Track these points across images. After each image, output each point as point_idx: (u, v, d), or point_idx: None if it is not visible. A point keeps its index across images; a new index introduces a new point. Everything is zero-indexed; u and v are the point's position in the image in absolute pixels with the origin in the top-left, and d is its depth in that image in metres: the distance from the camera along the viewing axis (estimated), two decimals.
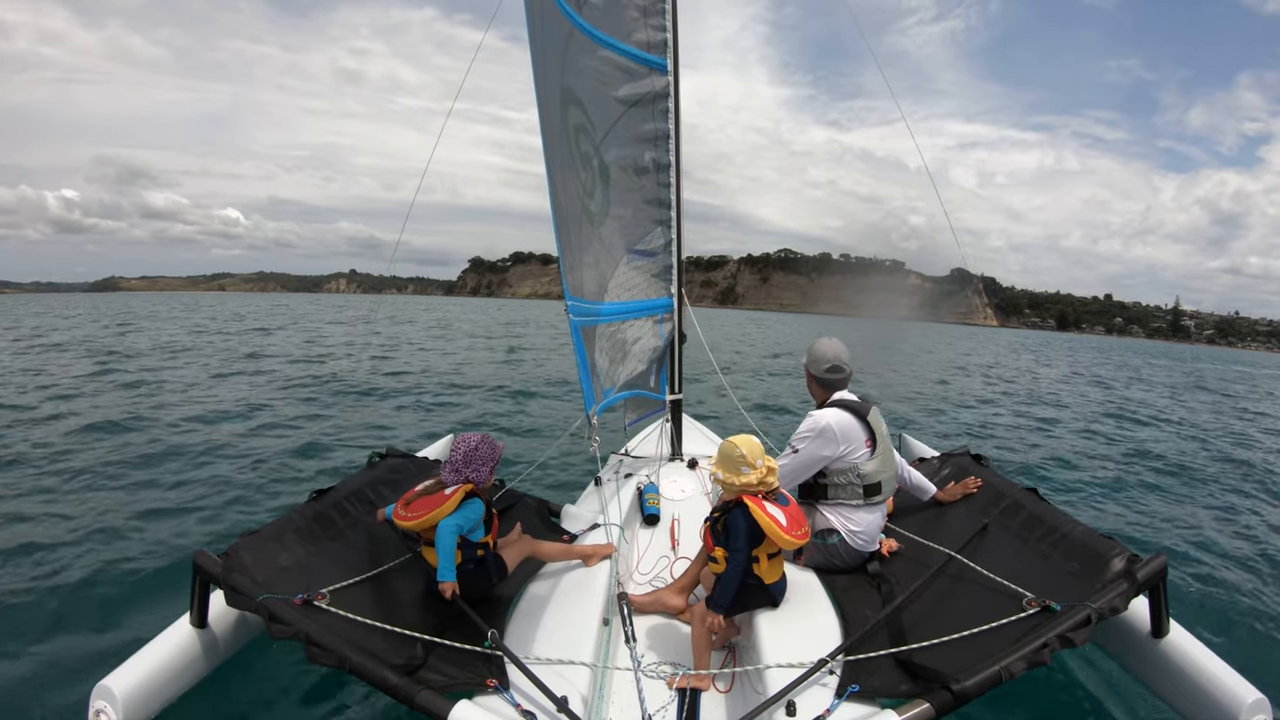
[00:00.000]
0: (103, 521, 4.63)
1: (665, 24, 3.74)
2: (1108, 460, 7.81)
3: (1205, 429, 11.27)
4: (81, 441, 6.89)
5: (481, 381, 12.55)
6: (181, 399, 9.47)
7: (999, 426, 10.31)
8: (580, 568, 2.75)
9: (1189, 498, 6.28)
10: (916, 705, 1.77)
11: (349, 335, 24.54)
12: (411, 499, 2.48)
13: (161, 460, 6.26)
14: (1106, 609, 2.03)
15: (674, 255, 4.13)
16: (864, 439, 2.74)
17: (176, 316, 35.93)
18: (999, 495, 2.96)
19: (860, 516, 2.73)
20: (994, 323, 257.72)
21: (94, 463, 6.34)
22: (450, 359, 16.83)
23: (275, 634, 2.01)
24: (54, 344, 17.53)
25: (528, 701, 1.87)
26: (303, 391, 10.49)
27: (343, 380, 11.88)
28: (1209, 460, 8.18)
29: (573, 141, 3.28)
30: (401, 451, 3.81)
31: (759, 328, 53.62)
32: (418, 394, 10.72)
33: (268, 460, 6.32)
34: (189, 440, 6.93)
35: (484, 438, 2.62)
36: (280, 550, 2.45)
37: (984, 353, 35.47)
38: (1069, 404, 13.89)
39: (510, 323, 40.78)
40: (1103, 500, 6.03)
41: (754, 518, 2.30)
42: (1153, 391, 18.70)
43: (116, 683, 1.96)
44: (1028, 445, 8.71)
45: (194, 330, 24.56)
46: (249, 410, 8.77)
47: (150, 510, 4.94)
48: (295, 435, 7.38)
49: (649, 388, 4.24)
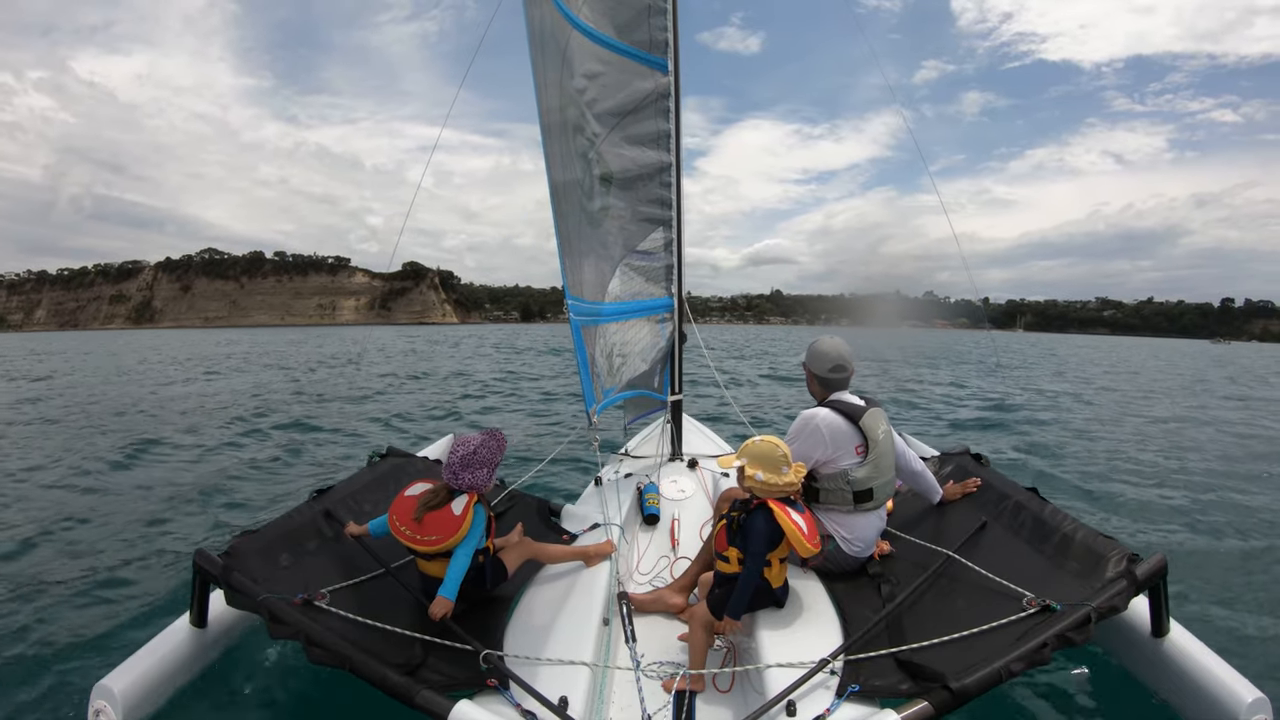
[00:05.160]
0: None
1: (666, 24, 3.73)
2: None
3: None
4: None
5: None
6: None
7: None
8: (580, 567, 2.75)
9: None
10: (916, 705, 1.77)
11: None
12: (419, 514, 2.32)
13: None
14: (1106, 608, 2.03)
15: (674, 255, 4.13)
16: (854, 445, 2.67)
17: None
18: (999, 495, 2.96)
19: (853, 522, 2.69)
20: (454, 319, 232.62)
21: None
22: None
23: (275, 634, 2.01)
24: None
25: (528, 701, 1.87)
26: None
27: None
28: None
29: (572, 142, 3.28)
30: (402, 451, 3.81)
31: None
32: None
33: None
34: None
35: (486, 437, 2.49)
36: (280, 550, 2.45)
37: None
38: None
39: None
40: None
41: (777, 522, 2.29)
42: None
43: (116, 682, 1.96)
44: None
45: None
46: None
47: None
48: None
49: (652, 387, 4.24)
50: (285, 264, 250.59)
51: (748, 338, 65.31)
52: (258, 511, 5.05)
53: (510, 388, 15.19)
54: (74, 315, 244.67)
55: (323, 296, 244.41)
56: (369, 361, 24.49)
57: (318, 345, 40.32)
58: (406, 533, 2.32)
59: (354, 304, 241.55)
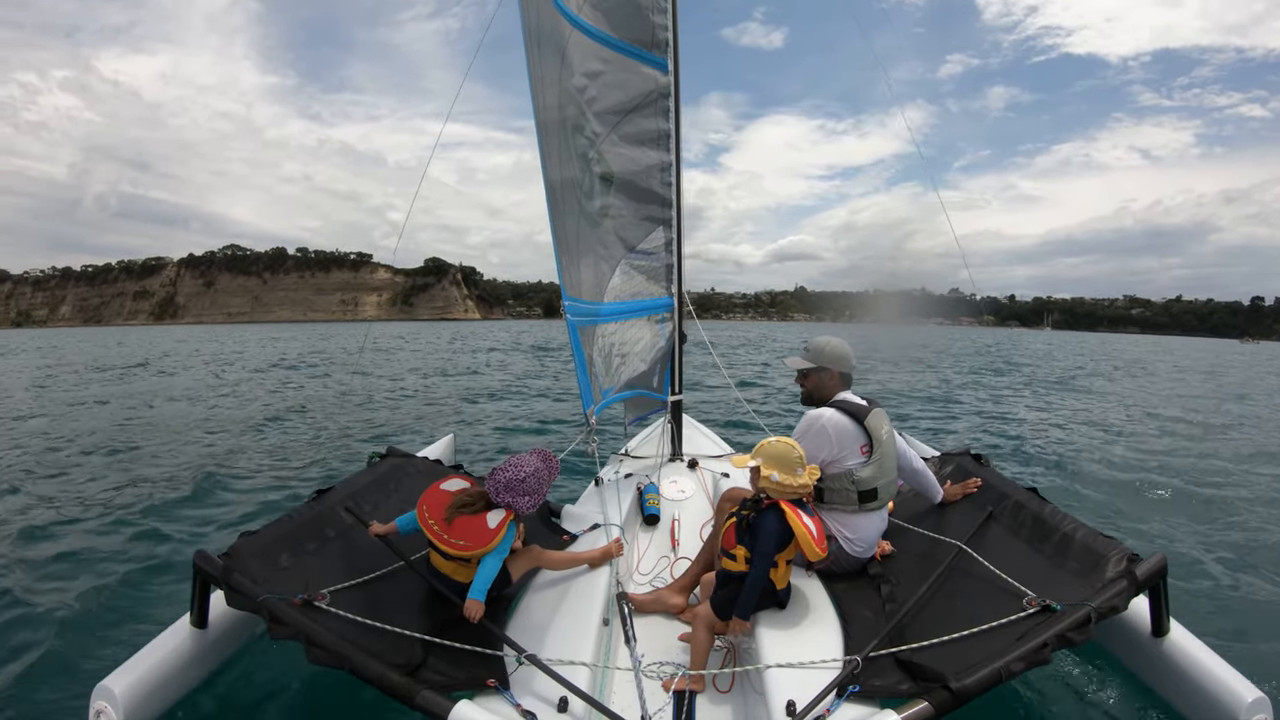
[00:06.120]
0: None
1: (666, 23, 3.72)
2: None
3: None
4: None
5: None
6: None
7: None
8: (581, 568, 2.75)
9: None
10: (916, 705, 1.77)
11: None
12: (450, 514, 2.34)
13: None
14: (1106, 608, 2.03)
15: (674, 255, 4.13)
16: (859, 444, 2.69)
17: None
18: (999, 495, 2.96)
19: (856, 522, 2.70)
20: (476, 315, 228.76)
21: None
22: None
23: (276, 634, 2.01)
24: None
25: (528, 701, 1.87)
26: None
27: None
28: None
29: (571, 141, 3.27)
30: (402, 451, 3.81)
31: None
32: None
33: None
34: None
35: (540, 465, 2.46)
36: (281, 550, 2.45)
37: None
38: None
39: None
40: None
41: (788, 524, 2.29)
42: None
43: (117, 683, 1.96)
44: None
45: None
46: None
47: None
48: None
49: (652, 388, 4.24)
50: (308, 260, 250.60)
51: (771, 333, 64.49)
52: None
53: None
54: (98, 311, 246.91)
55: (345, 292, 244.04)
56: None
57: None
58: (435, 528, 2.33)
59: (376, 300, 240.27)
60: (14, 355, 30.44)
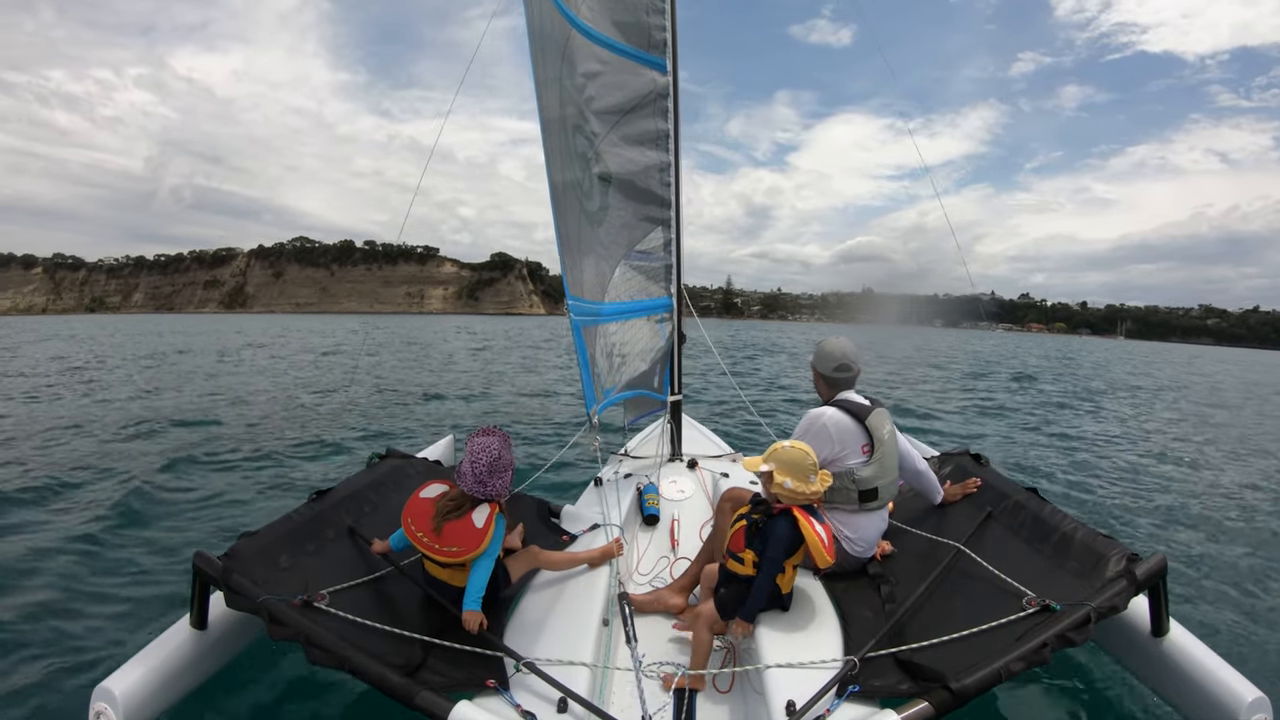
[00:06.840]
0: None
1: (665, 23, 3.73)
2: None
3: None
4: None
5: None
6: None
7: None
8: (580, 568, 2.75)
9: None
10: (916, 705, 1.77)
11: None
12: (437, 523, 2.28)
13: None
14: (1106, 608, 2.03)
15: (673, 255, 4.13)
16: (860, 444, 2.69)
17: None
18: (999, 495, 2.96)
19: (857, 522, 2.70)
20: (541, 311, 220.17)
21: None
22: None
23: (275, 635, 2.01)
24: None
25: (527, 701, 1.87)
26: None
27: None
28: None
29: (571, 140, 3.28)
30: (402, 452, 3.80)
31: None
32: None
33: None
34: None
35: (503, 441, 2.38)
36: (280, 551, 2.45)
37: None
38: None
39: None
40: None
41: (800, 531, 2.28)
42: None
43: (117, 684, 1.96)
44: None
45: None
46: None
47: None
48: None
49: (652, 388, 4.24)
50: (375, 253, 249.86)
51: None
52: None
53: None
54: (169, 299, 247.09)
55: (411, 285, 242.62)
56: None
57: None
58: (425, 540, 2.27)
59: (442, 293, 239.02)
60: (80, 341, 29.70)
